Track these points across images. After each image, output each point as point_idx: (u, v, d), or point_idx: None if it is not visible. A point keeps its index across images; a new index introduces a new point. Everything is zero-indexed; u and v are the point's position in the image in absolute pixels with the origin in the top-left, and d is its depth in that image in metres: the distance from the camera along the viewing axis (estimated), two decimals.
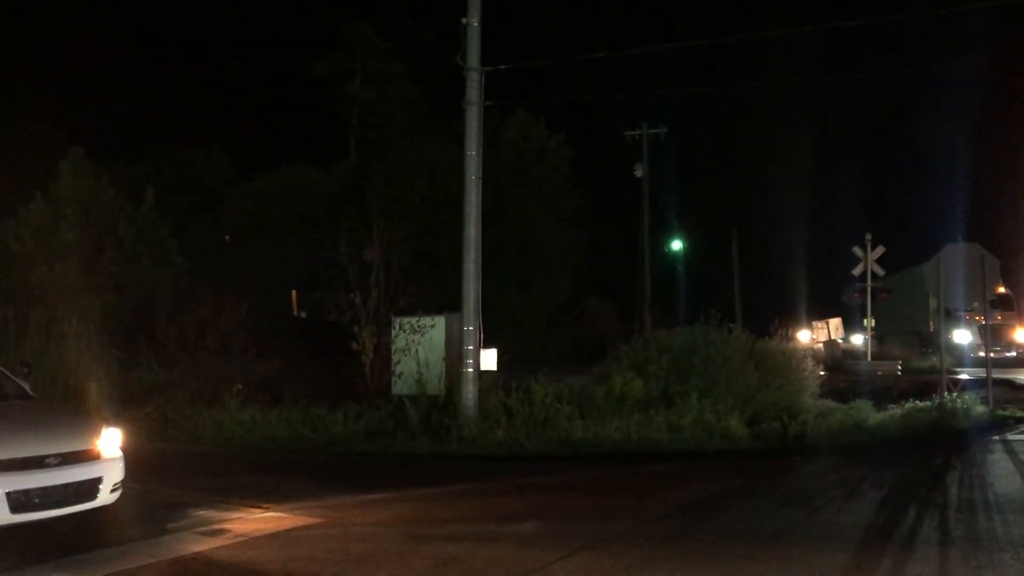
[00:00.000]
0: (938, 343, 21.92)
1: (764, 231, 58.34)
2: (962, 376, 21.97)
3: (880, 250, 26.61)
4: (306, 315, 29.56)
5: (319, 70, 46.62)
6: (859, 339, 40.22)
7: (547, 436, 13.04)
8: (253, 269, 27.97)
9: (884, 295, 27.62)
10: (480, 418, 13.59)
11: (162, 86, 52.67)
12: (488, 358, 14.45)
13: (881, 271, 26.87)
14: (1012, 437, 13.86)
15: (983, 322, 26.03)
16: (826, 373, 22.40)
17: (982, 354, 23.34)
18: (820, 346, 41.28)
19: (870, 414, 15.06)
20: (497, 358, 14.65)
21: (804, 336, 44.26)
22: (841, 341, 44.76)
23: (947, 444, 13.13)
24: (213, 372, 16.02)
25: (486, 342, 14.48)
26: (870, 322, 29.70)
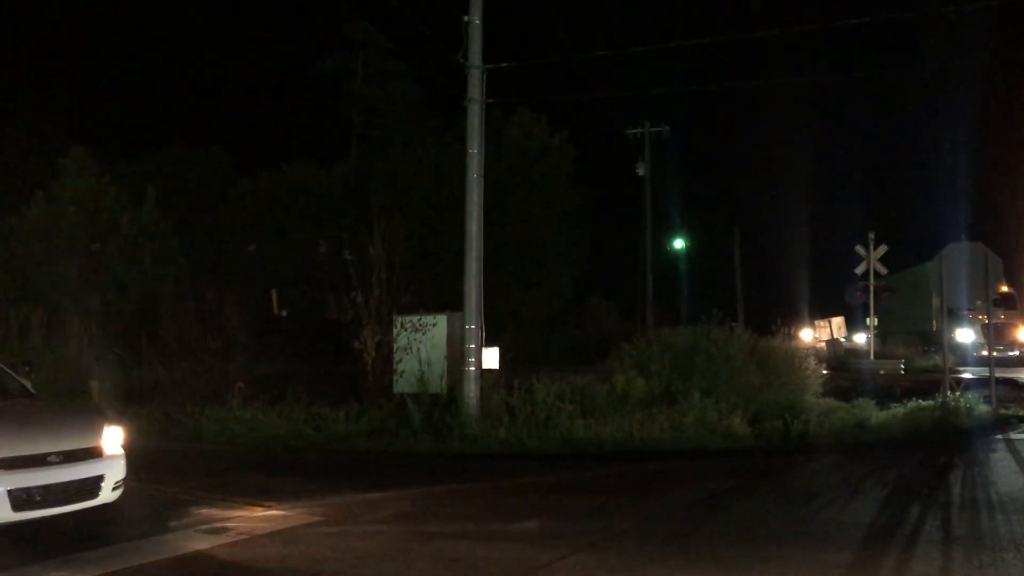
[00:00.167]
0: (941, 342, 21.90)
1: (766, 229, 58.28)
2: (965, 375, 21.92)
3: (883, 249, 26.57)
4: (286, 314, 29.64)
5: (321, 68, 46.62)
6: (862, 338, 40.19)
7: (549, 435, 13.03)
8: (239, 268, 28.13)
9: (887, 294, 27.61)
10: (482, 417, 13.59)
11: (163, 84, 52.74)
12: (490, 357, 14.45)
13: (884, 270, 26.83)
14: (1015, 436, 13.83)
15: (986, 321, 26.01)
16: (828, 372, 22.37)
17: (985, 353, 23.30)
18: (823, 345, 41.30)
19: (872, 413, 15.03)
20: (499, 357, 14.65)
21: (807, 335, 44.26)
22: (844, 340, 44.75)
23: (950, 443, 13.10)
24: (215, 371, 16.02)
25: (488, 341, 14.48)
26: (873, 321, 29.68)
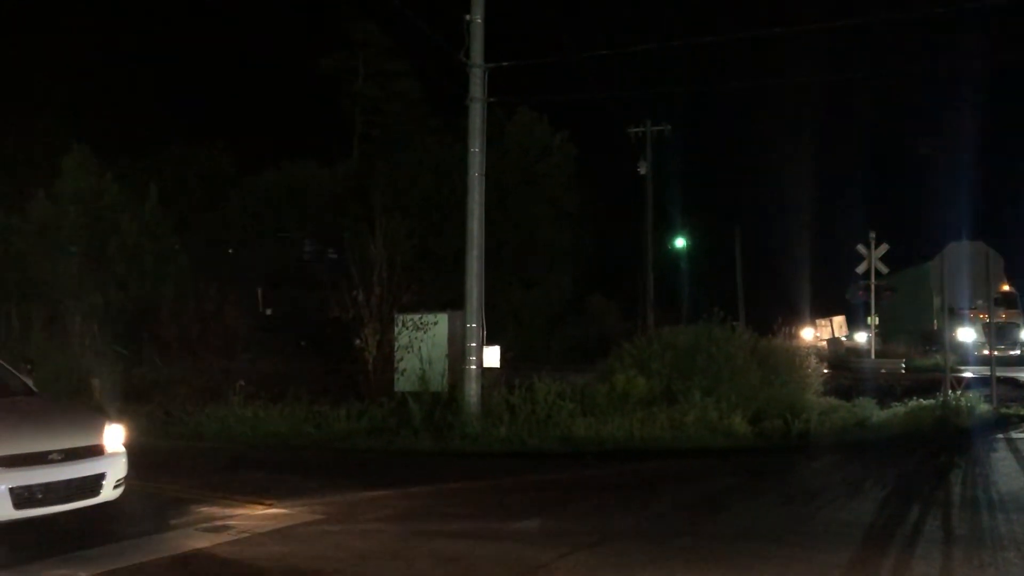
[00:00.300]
0: (942, 341, 21.88)
1: (768, 228, 58.18)
2: (966, 374, 21.92)
3: (884, 248, 26.59)
4: (271, 312, 29.76)
5: (323, 67, 46.60)
6: (863, 337, 40.18)
7: (550, 434, 13.03)
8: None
9: (888, 293, 27.62)
10: (483, 415, 13.60)
11: (165, 83, 52.67)
12: (491, 355, 14.45)
13: (885, 269, 26.86)
14: (1016, 435, 13.82)
15: (987, 320, 26.01)
16: (829, 371, 22.37)
17: (986, 352, 23.30)
18: (824, 344, 41.26)
19: (873, 412, 15.04)
20: (500, 355, 14.64)
21: (808, 334, 44.20)
22: (845, 339, 44.73)
23: (951, 442, 13.09)
24: (215, 369, 16.04)
25: (489, 339, 14.48)
26: (874, 320, 29.69)
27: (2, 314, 17.69)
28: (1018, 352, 32.01)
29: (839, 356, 32.86)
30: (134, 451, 8.26)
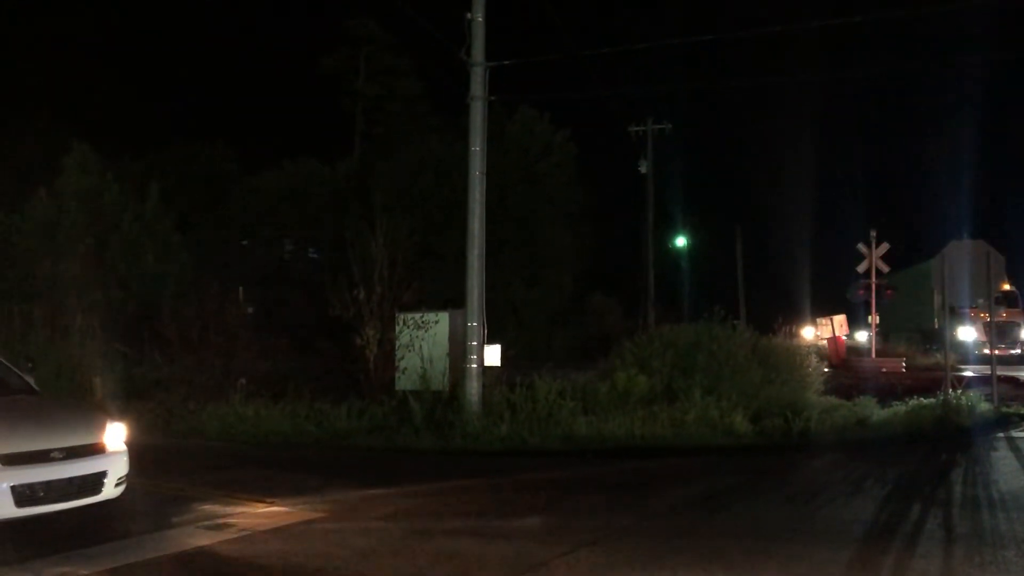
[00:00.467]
0: (943, 340, 21.87)
1: (769, 227, 58.32)
2: (967, 373, 21.93)
3: (885, 247, 26.56)
4: (252, 310, 29.88)
5: (324, 66, 46.58)
6: (863, 336, 40.16)
7: (550, 432, 13.04)
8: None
9: (889, 292, 27.59)
10: (484, 414, 13.61)
11: (167, 81, 52.72)
12: (492, 354, 14.46)
13: (886, 268, 26.83)
14: (1016, 434, 13.82)
15: (988, 319, 25.99)
16: (830, 370, 22.37)
17: (987, 351, 23.29)
18: (824, 342, 41.24)
19: (874, 411, 15.04)
20: (501, 354, 14.65)
21: (808, 332, 44.21)
22: (845, 338, 44.68)
23: (951, 441, 13.10)
24: (217, 367, 16.05)
25: (490, 338, 14.49)
26: (874, 319, 29.68)
27: (3, 312, 17.70)
28: (1019, 351, 32.00)
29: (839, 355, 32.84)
30: (135, 449, 8.27)
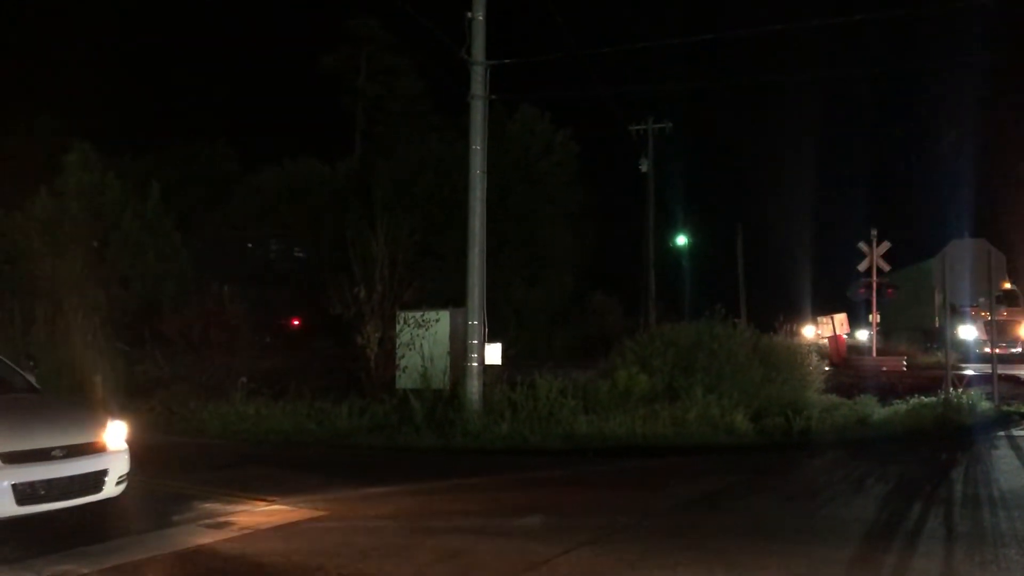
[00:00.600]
0: (943, 339, 21.86)
1: (769, 226, 58.28)
2: (967, 372, 21.91)
3: (886, 245, 26.54)
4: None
5: (325, 65, 46.60)
6: (864, 334, 40.12)
7: (551, 431, 13.04)
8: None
9: (889, 291, 27.57)
10: (484, 412, 13.61)
11: (168, 80, 52.72)
12: (493, 353, 14.46)
13: (887, 266, 26.81)
14: (1017, 433, 13.81)
15: (989, 318, 25.97)
16: (831, 368, 22.36)
17: (987, 350, 23.26)
18: (825, 341, 41.22)
19: (875, 409, 15.03)
20: (502, 353, 14.66)
21: (809, 331, 44.19)
22: (846, 336, 44.65)
23: (952, 440, 13.09)
24: (218, 366, 16.07)
25: (491, 337, 14.49)
26: (875, 317, 29.66)
27: (5, 311, 17.71)
28: (1019, 350, 31.98)
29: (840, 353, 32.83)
30: (136, 448, 8.27)
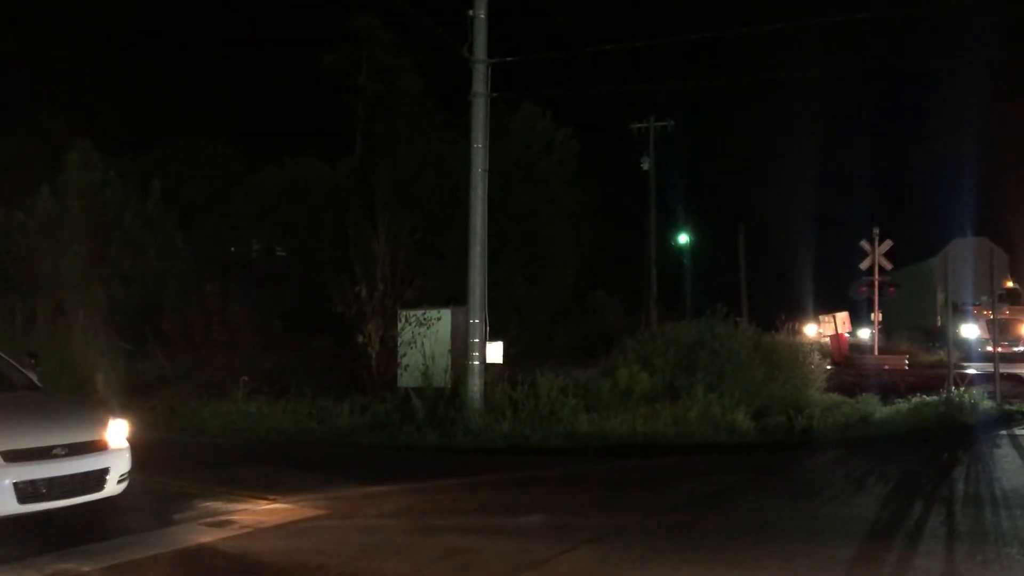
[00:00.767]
0: (945, 337, 21.85)
1: (771, 225, 58.29)
2: (969, 371, 21.90)
3: (888, 244, 26.53)
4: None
5: (326, 63, 46.55)
6: (866, 333, 40.09)
7: (552, 429, 13.04)
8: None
9: (891, 289, 27.56)
10: (486, 411, 13.61)
11: (168, 78, 52.71)
12: (494, 351, 14.46)
13: (888, 265, 26.80)
14: (1020, 432, 13.81)
15: (991, 316, 25.96)
16: (832, 367, 22.34)
17: (990, 348, 23.25)
18: (827, 340, 41.19)
19: (876, 408, 15.04)
20: (503, 351, 14.65)
21: (811, 330, 44.17)
22: (848, 335, 44.63)
23: (954, 439, 13.09)
24: (219, 364, 16.07)
25: (492, 335, 14.48)
26: (877, 316, 29.65)
27: (6, 309, 17.72)
28: (1022, 348, 31.96)
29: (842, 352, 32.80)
30: (138, 446, 8.27)
